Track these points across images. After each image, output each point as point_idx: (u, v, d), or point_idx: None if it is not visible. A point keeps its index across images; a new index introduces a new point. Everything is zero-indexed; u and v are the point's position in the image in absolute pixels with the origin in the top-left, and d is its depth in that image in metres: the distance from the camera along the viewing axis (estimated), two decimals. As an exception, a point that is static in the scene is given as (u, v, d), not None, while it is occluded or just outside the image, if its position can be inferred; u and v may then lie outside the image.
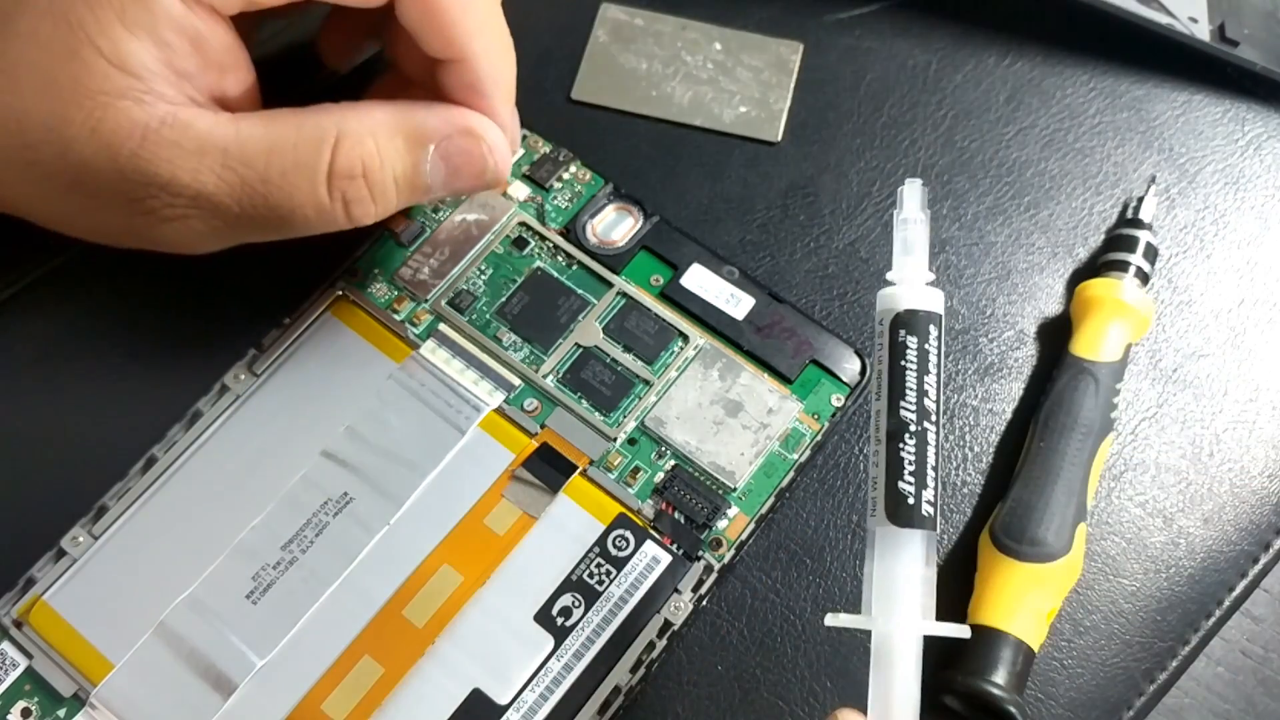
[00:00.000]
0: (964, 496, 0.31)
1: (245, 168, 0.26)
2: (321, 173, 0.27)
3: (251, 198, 0.27)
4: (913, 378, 0.23)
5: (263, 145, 0.27)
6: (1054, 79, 0.37)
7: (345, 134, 0.27)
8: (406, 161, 0.28)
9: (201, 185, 0.26)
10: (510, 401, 0.31)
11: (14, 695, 0.27)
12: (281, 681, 0.27)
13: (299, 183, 0.27)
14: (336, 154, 0.27)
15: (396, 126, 0.28)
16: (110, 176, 0.26)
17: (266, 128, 0.27)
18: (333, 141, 0.27)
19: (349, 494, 0.29)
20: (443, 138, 0.28)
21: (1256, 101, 0.36)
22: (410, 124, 0.28)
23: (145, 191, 0.26)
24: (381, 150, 0.28)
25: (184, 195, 0.27)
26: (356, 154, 0.27)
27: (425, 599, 0.28)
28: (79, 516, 0.29)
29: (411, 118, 0.28)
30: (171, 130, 0.26)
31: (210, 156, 0.26)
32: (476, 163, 0.29)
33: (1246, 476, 0.32)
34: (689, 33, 0.37)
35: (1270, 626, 0.33)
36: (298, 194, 0.27)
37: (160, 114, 0.26)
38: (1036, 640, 0.29)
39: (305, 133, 0.27)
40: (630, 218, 0.33)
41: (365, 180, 0.28)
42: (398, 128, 0.28)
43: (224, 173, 0.26)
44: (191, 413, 0.30)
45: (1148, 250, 0.33)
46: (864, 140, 0.36)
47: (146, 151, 0.26)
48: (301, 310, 0.32)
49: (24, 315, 0.32)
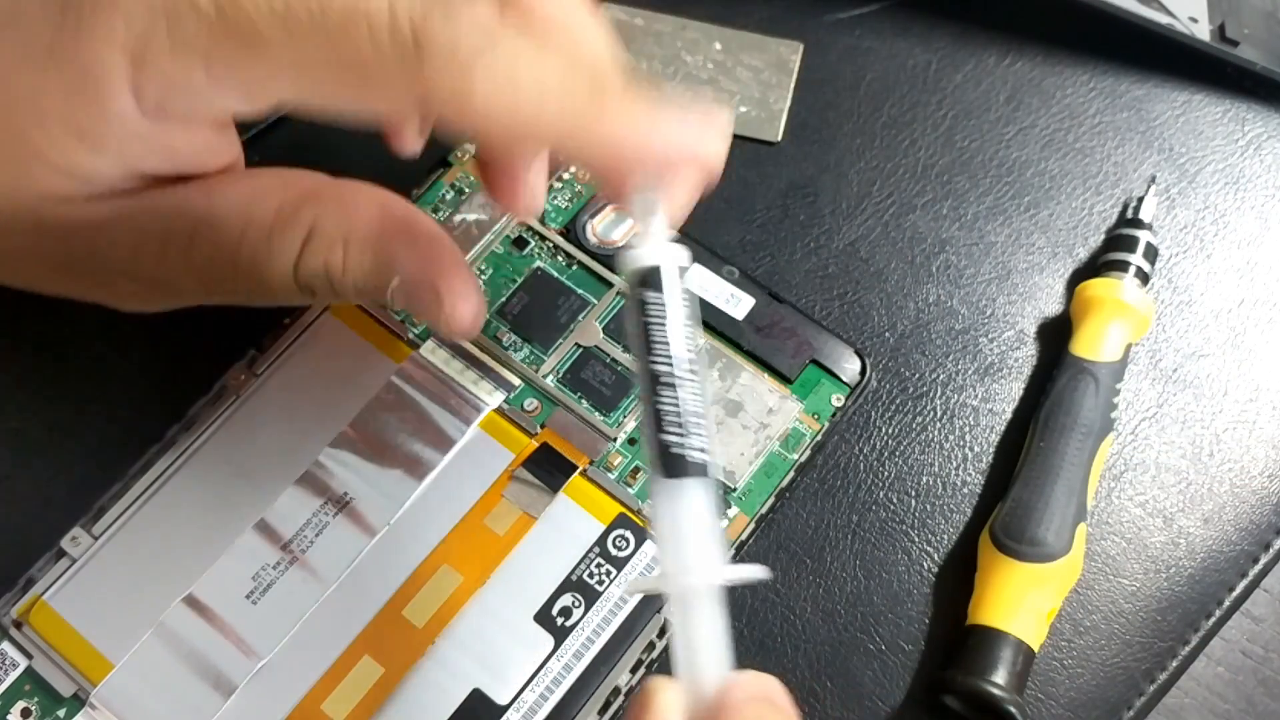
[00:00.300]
0: (964, 496, 0.31)
1: (214, 249, 0.24)
2: (289, 266, 0.25)
3: (219, 280, 0.25)
4: (659, 331, 0.23)
5: (234, 228, 0.24)
6: (1054, 79, 0.37)
7: (318, 232, 0.24)
8: (371, 280, 0.25)
9: (167, 270, 0.25)
10: (510, 401, 0.31)
11: (14, 695, 0.27)
12: (281, 681, 0.27)
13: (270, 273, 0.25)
14: (306, 253, 0.24)
15: (371, 241, 0.25)
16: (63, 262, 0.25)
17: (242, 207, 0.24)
18: (303, 236, 0.24)
19: (349, 494, 0.29)
20: (413, 283, 0.25)
21: (1256, 101, 0.36)
22: (387, 250, 0.25)
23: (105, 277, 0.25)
24: (348, 260, 0.25)
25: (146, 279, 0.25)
26: (322, 258, 0.25)
27: (425, 599, 0.28)
28: (79, 516, 0.29)
29: (390, 243, 0.25)
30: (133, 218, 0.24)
31: (176, 240, 0.24)
32: (426, 316, 0.26)
33: (1246, 476, 0.32)
34: (689, 33, 0.37)
35: (1270, 626, 0.33)
36: (268, 280, 0.25)
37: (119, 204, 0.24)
38: (1036, 640, 0.29)
39: (281, 221, 0.24)
40: (630, 218, 0.33)
41: (328, 277, 0.25)
42: (371, 243, 0.25)
43: (190, 256, 0.24)
44: (191, 413, 0.30)
45: (1148, 250, 0.33)
46: (864, 140, 0.36)
47: (104, 241, 0.24)
48: (301, 310, 0.32)
49: (24, 315, 0.32)
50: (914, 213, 0.35)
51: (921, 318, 0.33)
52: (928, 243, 0.34)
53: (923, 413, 0.32)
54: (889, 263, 0.34)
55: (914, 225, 0.34)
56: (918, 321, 0.33)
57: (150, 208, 0.24)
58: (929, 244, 0.34)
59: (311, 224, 0.24)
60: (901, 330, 0.33)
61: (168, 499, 0.29)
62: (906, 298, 0.33)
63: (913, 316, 0.33)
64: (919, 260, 0.34)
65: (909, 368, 0.33)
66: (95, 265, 0.25)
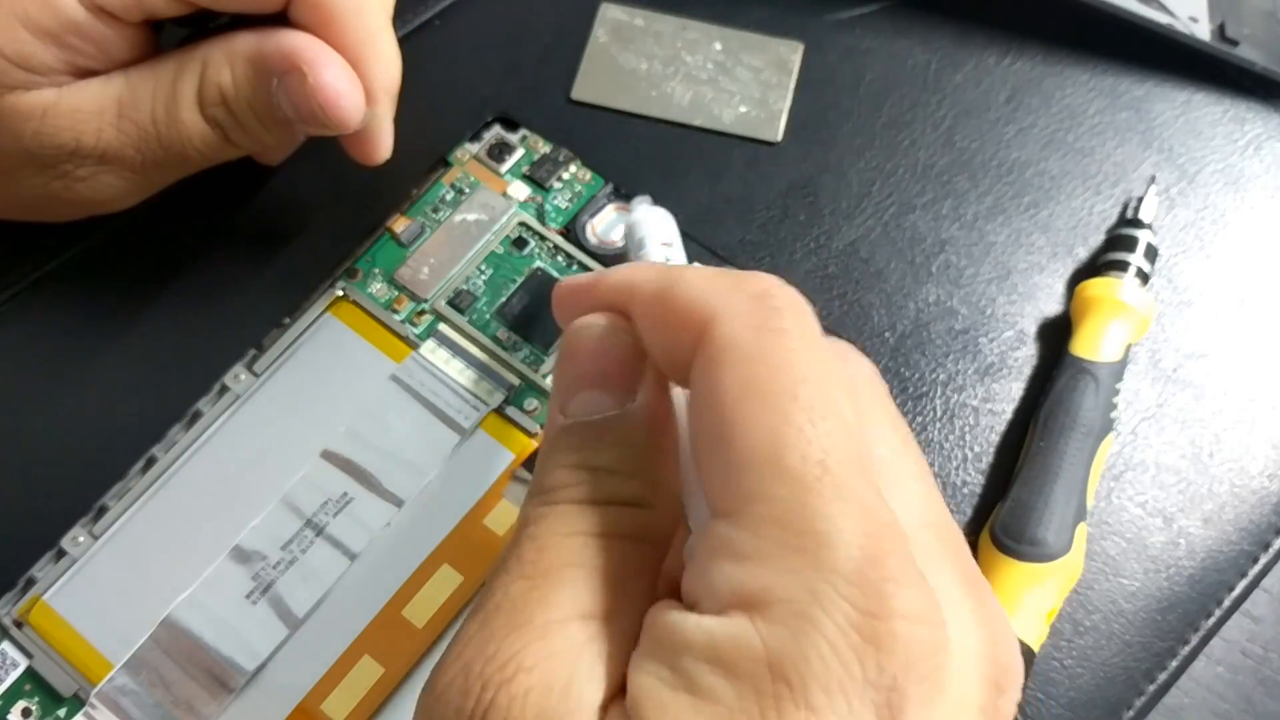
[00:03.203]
0: (964, 496, 0.31)
1: (137, 112, 0.28)
2: (193, 101, 0.28)
3: (148, 140, 0.28)
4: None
5: (149, 87, 0.28)
6: (1054, 79, 0.37)
7: (209, 62, 0.28)
8: (256, 91, 0.28)
9: (106, 143, 0.28)
10: (510, 401, 0.31)
11: (14, 695, 0.27)
12: (281, 681, 0.27)
13: (181, 115, 0.28)
14: (202, 81, 0.28)
15: (249, 55, 0.28)
16: (18, 154, 0.27)
17: (152, 70, 0.28)
18: (199, 69, 0.28)
19: (349, 494, 0.29)
20: (282, 72, 0.28)
21: (1256, 101, 0.36)
22: (259, 52, 0.28)
23: (54, 160, 0.28)
24: (235, 78, 0.28)
25: (91, 156, 0.28)
26: (215, 82, 0.28)
27: (425, 599, 0.28)
28: (79, 516, 0.29)
29: (262, 46, 0.28)
30: (70, 99, 0.27)
31: (108, 112, 0.28)
32: (304, 104, 0.28)
33: (1246, 476, 0.32)
34: (689, 33, 0.37)
35: (1270, 626, 0.33)
36: (183, 126, 0.28)
37: (59, 90, 0.27)
38: (1036, 640, 0.29)
39: (181, 65, 0.28)
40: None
41: (227, 107, 0.28)
42: (249, 57, 0.28)
43: (121, 124, 0.28)
44: (191, 413, 0.30)
45: (1148, 250, 0.33)
46: (864, 140, 0.36)
47: (49, 126, 0.27)
48: (301, 310, 0.32)
49: (24, 315, 0.32)
50: (914, 213, 0.35)
51: (921, 318, 0.33)
52: (928, 243, 0.34)
53: (923, 413, 0.32)
54: (889, 263, 0.34)
55: (914, 225, 0.34)
56: (918, 321, 0.33)
57: (81, 88, 0.28)
58: (929, 244, 0.34)
59: (203, 59, 0.28)
60: (901, 330, 0.33)
61: (168, 499, 0.29)
62: (906, 298, 0.33)
63: (913, 316, 0.33)
64: (919, 260, 0.34)
65: (909, 368, 0.33)
66: (44, 151, 0.28)
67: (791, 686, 0.17)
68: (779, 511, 0.18)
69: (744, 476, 0.18)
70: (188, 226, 0.33)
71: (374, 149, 0.30)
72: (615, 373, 0.21)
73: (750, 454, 0.18)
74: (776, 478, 0.18)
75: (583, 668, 0.18)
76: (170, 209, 0.32)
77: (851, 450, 0.18)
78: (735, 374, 0.19)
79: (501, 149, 0.34)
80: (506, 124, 0.35)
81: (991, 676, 0.19)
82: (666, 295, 0.21)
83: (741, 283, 0.20)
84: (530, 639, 0.18)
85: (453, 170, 0.34)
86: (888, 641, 0.17)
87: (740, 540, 0.18)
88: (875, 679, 0.17)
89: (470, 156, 0.34)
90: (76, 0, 0.26)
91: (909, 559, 0.18)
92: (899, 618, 0.17)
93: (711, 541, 0.18)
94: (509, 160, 0.34)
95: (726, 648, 0.17)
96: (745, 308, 0.20)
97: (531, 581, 0.19)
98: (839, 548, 0.17)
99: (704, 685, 0.17)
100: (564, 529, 0.20)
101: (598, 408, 0.21)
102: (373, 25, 0.28)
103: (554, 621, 0.19)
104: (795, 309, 0.20)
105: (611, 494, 0.20)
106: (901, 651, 0.17)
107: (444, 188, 0.34)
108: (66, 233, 0.32)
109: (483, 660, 0.18)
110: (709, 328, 0.20)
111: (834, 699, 0.17)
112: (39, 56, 0.27)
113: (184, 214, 0.32)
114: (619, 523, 0.20)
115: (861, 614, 0.17)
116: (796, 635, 0.17)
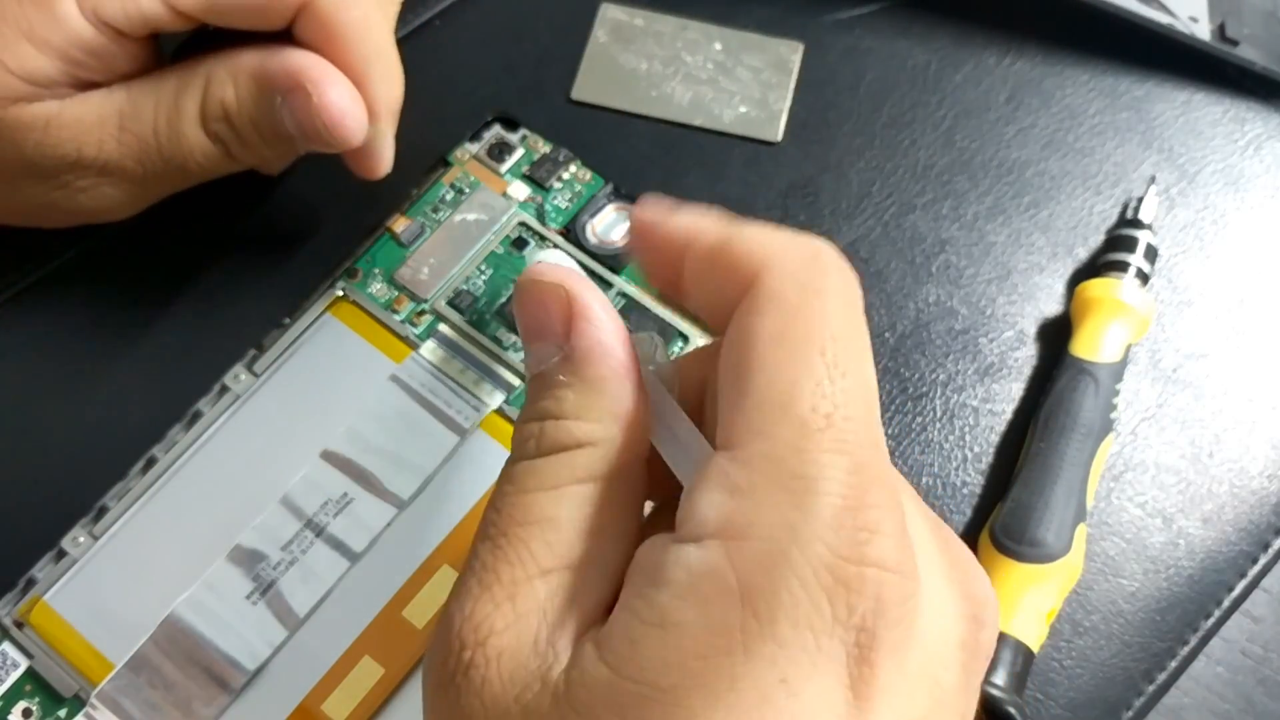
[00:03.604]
0: (964, 497, 0.31)
1: (139, 124, 0.28)
2: (195, 116, 0.28)
3: (149, 153, 0.28)
4: None
5: (151, 100, 0.28)
6: (1054, 79, 0.37)
7: (212, 78, 0.28)
8: (260, 107, 0.28)
9: (107, 154, 0.28)
10: (510, 401, 0.31)
11: (14, 696, 0.27)
12: (281, 681, 0.27)
13: (184, 129, 0.28)
14: (205, 97, 0.28)
15: (253, 72, 0.28)
16: (20, 164, 0.28)
17: (155, 83, 0.28)
18: (202, 85, 0.28)
19: (349, 494, 0.29)
20: (286, 90, 0.28)
21: (1256, 101, 0.36)
22: (263, 69, 0.28)
23: (55, 170, 0.28)
24: (239, 94, 0.28)
25: (92, 167, 0.28)
26: (218, 98, 0.28)
27: (425, 599, 0.28)
28: (79, 516, 0.29)
29: (267, 64, 0.28)
30: (72, 111, 0.27)
31: (109, 124, 0.28)
32: (309, 123, 0.28)
33: (1246, 476, 0.32)
34: (689, 33, 0.37)
35: (1270, 626, 0.33)
36: (185, 140, 0.28)
37: (61, 103, 0.27)
38: (1036, 641, 0.29)
39: (184, 80, 0.28)
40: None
41: (230, 123, 0.28)
42: (253, 73, 0.28)
43: (123, 136, 0.28)
44: (191, 413, 0.30)
45: (1148, 250, 0.33)
46: (864, 140, 0.36)
47: (51, 137, 0.27)
48: (301, 310, 0.32)
49: (24, 316, 0.32)
50: (914, 213, 0.35)
51: (921, 318, 0.33)
52: (928, 243, 0.34)
53: (923, 413, 0.32)
54: (889, 263, 0.34)
55: (914, 225, 0.34)
56: (917, 322, 0.33)
57: (83, 100, 0.28)
58: (929, 244, 0.34)
59: (207, 75, 0.28)
60: (901, 330, 0.33)
61: (168, 499, 0.29)
62: (906, 298, 0.33)
63: (912, 317, 0.33)
64: (919, 260, 0.34)
65: (909, 368, 0.33)
66: (46, 161, 0.28)
67: (760, 618, 0.17)
68: (778, 451, 0.18)
69: (754, 414, 0.19)
70: (188, 227, 0.33)
71: (375, 164, 0.30)
72: (549, 321, 0.22)
73: (766, 394, 0.19)
74: (784, 419, 0.19)
75: (552, 621, 0.19)
76: (170, 210, 0.32)
77: (862, 410, 0.19)
78: (772, 322, 0.20)
79: (501, 149, 0.34)
80: (506, 124, 0.35)
81: (968, 611, 0.20)
82: (725, 245, 0.21)
83: (796, 242, 0.21)
84: (500, 599, 0.19)
85: (453, 170, 0.34)
86: (857, 584, 0.17)
87: (734, 472, 0.19)
88: (845, 619, 0.17)
89: (470, 156, 0.34)
90: (80, 15, 0.26)
91: (895, 516, 0.18)
92: (872, 564, 0.18)
93: (708, 472, 0.19)
94: (509, 160, 0.34)
95: (700, 577, 0.18)
96: (796, 265, 0.20)
97: (494, 543, 0.20)
98: (823, 494, 0.18)
99: (674, 619, 0.18)
100: (520, 486, 0.21)
101: (545, 357, 0.22)
102: (377, 43, 0.28)
103: (520, 580, 0.20)
104: (842, 274, 0.21)
105: (558, 442, 0.21)
106: (872, 595, 0.18)
107: (444, 188, 0.34)
108: (67, 234, 0.31)
109: (460, 619, 0.19)
110: (758, 278, 0.20)
111: (801, 633, 0.17)
112: (42, 70, 0.27)
113: (184, 215, 0.32)
114: (573, 469, 0.21)
115: (836, 556, 0.18)
116: (769, 569, 0.17)
